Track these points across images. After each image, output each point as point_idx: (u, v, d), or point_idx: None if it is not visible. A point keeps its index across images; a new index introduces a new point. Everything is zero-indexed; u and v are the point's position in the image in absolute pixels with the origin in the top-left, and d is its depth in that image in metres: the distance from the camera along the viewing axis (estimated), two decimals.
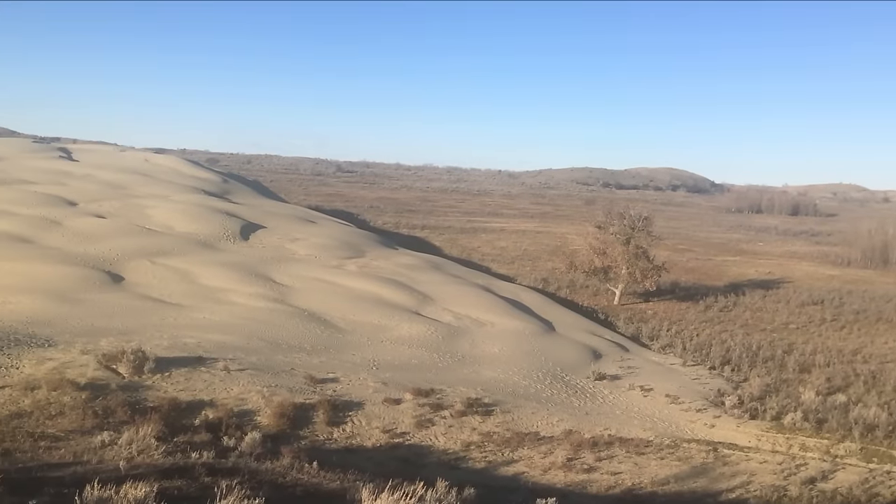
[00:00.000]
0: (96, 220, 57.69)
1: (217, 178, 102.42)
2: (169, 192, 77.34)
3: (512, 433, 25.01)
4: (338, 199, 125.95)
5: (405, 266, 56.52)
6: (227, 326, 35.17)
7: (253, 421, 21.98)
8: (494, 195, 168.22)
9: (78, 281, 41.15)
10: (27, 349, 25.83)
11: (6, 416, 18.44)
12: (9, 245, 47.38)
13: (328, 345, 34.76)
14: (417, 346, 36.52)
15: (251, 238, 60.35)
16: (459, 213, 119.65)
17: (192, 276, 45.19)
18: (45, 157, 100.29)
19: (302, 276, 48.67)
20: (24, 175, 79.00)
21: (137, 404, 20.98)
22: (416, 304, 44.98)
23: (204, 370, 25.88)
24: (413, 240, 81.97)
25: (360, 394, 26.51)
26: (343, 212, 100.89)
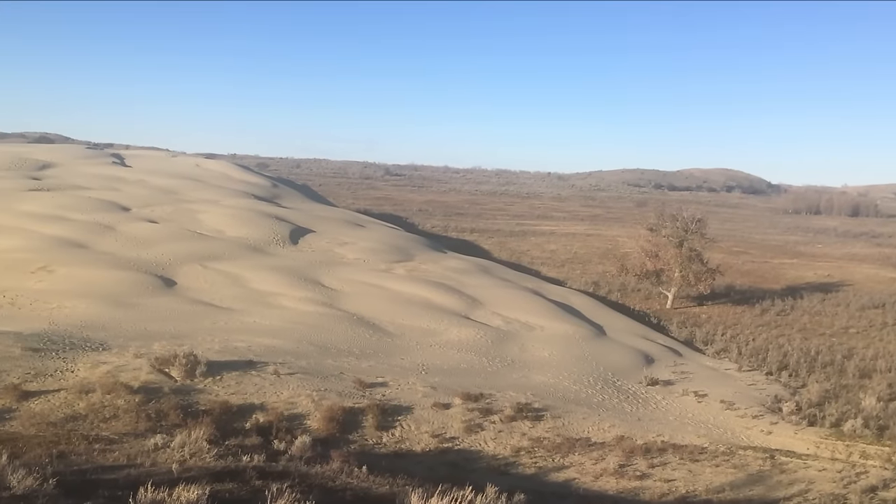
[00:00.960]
0: (149, 225, 58.84)
1: (266, 182, 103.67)
2: (219, 197, 78.54)
3: (562, 439, 24.89)
4: (386, 202, 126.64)
5: (454, 270, 56.61)
6: (277, 330, 35.59)
7: (303, 425, 22.20)
8: (544, 198, 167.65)
9: (131, 285, 42.02)
10: (82, 353, 26.45)
11: (62, 418, 18.91)
12: (64, 250, 48.56)
13: (377, 349, 34.97)
14: (466, 351, 36.54)
15: (300, 242, 60.97)
16: (508, 216, 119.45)
17: (242, 281, 45.84)
18: (99, 163, 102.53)
19: (350, 279, 49.04)
20: (78, 181, 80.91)
21: (189, 408, 21.34)
22: (465, 308, 45.02)
23: (254, 374, 26.22)
24: (462, 243, 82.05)
25: (409, 398, 26.61)
26: (391, 215, 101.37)
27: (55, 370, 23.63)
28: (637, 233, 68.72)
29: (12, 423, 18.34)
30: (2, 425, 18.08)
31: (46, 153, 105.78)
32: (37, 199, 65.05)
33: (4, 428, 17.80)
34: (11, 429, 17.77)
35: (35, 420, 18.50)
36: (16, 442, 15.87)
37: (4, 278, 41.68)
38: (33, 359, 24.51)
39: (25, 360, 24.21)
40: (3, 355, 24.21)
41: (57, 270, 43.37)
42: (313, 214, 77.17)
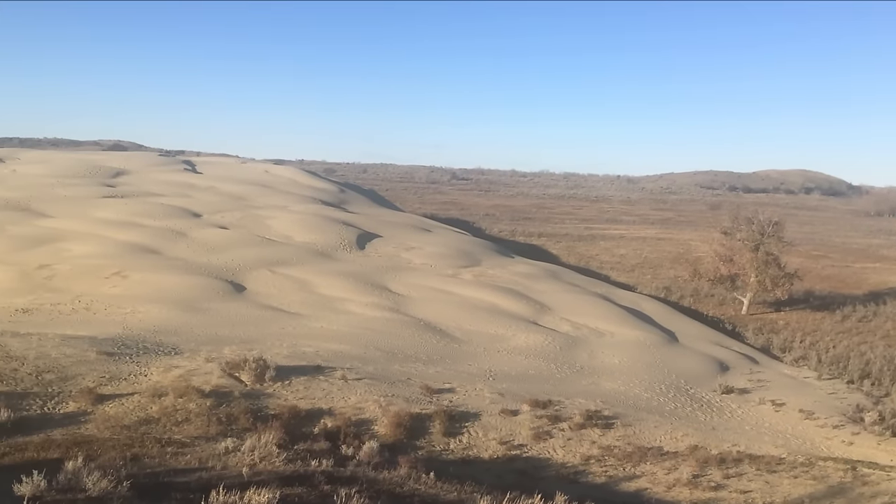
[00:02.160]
0: (219, 231, 60.12)
1: (334, 187, 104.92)
2: (288, 203, 79.81)
3: (634, 447, 24.57)
4: (453, 207, 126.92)
5: (521, 275, 56.45)
6: (344, 336, 35.98)
7: (370, 430, 22.38)
8: (613, 201, 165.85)
9: (202, 290, 42.99)
10: (155, 357, 27.15)
11: (135, 421, 19.42)
12: (138, 256, 49.95)
13: (444, 355, 35.07)
14: (534, 357, 36.39)
15: (367, 247, 61.54)
16: (577, 220, 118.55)
17: (310, 286, 46.47)
18: (171, 170, 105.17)
19: (417, 285, 49.29)
20: (151, 188, 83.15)
21: (259, 412, 21.71)
22: (532, 314, 44.84)
23: (322, 379, 26.55)
24: (529, 248, 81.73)
25: (476, 404, 26.61)
26: (458, 220, 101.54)
27: (129, 374, 24.29)
28: (710, 236, 67.54)
29: (87, 425, 18.91)
30: (77, 428, 18.65)
31: (120, 161, 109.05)
32: (111, 206, 67.06)
33: (80, 431, 18.36)
34: (87, 431, 18.32)
35: (109, 423, 19.04)
36: (91, 444, 16.37)
37: (80, 284, 43.07)
38: (108, 363, 25.24)
39: (100, 364, 24.96)
40: (78, 359, 25.00)
41: (130, 276, 44.62)
42: (380, 219, 77.82)
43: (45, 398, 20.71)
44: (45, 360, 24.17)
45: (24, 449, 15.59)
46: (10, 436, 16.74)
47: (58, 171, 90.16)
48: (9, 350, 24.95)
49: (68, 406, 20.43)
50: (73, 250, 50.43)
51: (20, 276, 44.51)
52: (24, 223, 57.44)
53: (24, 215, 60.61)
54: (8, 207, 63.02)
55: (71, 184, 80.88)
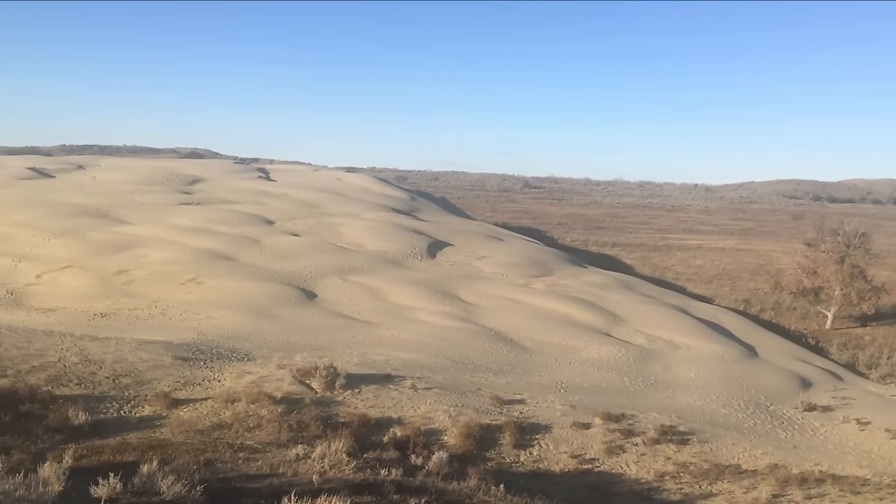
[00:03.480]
0: (292, 238, 61.13)
1: (405, 195, 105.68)
2: (359, 210, 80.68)
3: (710, 465, 24.06)
4: (525, 215, 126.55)
5: (594, 285, 55.94)
6: (415, 344, 36.15)
7: (440, 440, 22.40)
8: (690, 210, 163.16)
9: (275, 297, 43.74)
10: (228, 363, 27.70)
11: (208, 426, 19.81)
12: (212, 262, 51.11)
13: (514, 365, 34.95)
14: (607, 369, 35.99)
15: (438, 256, 61.77)
16: (652, 229, 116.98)
17: (380, 294, 46.86)
18: (245, 178, 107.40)
19: (488, 294, 49.26)
20: (226, 195, 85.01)
21: (329, 419, 21.93)
22: (605, 325, 44.38)
23: (392, 387, 26.70)
24: (602, 258, 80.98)
25: (547, 416, 26.42)
26: (530, 229, 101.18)
27: (203, 379, 24.83)
28: (793, 248, 66.00)
29: (162, 429, 19.37)
30: (152, 432, 19.11)
31: (196, 168, 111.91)
32: (187, 213, 68.80)
33: (155, 434, 18.81)
34: (161, 435, 18.76)
35: (183, 427, 19.47)
36: (165, 448, 16.77)
37: (157, 289, 44.28)
38: (182, 368, 25.84)
39: (175, 368, 25.57)
40: (154, 364, 25.66)
41: (205, 282, 45.68)
42: (451, 228, 78.06)
43: (121, 402, 21.29)
44: (122, 364, 24.86)
45: (100, 451, 16.06)
46: (88, 438, 17.26)
47: (136, 179, 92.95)
48: (87, 354, 25.75)
49: (144, 410, 20.97)
50: (151, 256, 51.86)
51: (99, 281, 45.97)
52: (103, 229, 59.32)
53: (103, 222, 62.59)
54: (88, 214, 65.15)
55: (149, 191, 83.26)
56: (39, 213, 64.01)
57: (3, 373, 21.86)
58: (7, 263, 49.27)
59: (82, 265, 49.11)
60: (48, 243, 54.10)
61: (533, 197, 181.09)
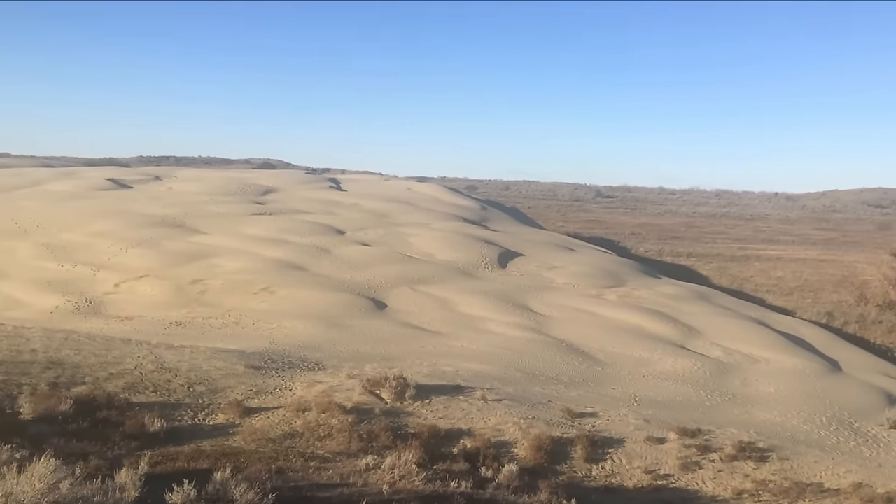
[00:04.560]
0: (362, 248, 61.76)
1: (475, 205, 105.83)
2: (429, 220, 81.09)
3: (791, 483, 23.45)
4: (597, 225, 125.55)
5: (669, 296, 55.11)
6: (484, 355, 36.12)
7: (510, 453, 22.32)
8: (770, 220, 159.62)
9: (345, 307, 44.23)
10: (299, 372, 28.10)
11: (280, 435, 20.11)
12: (284, 272, 51.95)
13: (586, 377, 34.63)
14: (682, 382, 35.40)
15: (509, 266, 61.65)
16: (729, 239, 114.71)
17: (450, 304, 46.97)
18: (317, 188, 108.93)
19: (560, 305, 48.97)
20: (297, 205, 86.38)
21: (399, 430, 22.05)
22: (680, 337, 43.67)
23: (462, 399, 26.71)
24: (677, 268, 79.75)
25: (620, 430, 26.09)
26: (602, 239, 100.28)
27: (274, 388, 25.23)
28: (879, 258, 64.22)
29: (235, 437, 19.73)
30: (225, 439, 19.48)
31: (269, 179, 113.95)
32: (260, 223, 70.13)
33: (228, 442, 19.18)
34: (234, 443, 19.12)
35: (256, 436, 19.80)
36: (238, 456, 17.09)
37: (230, 298, 45.21)
38: (255, 376, 26.31)
39: (248, 377, 26.04)
40: (228, 372, 26.18)
41: (277, 292, 46.46)
42: (522, 237, 77.86)
43: (195, 409, 21.77)
44: (197, 373, 25.43)
45: (175, 458, 16.45)
46: (163, 445, 17.69)
47: (211, 189, 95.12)
48: (163, 361, 26.41)
49: (217, 418, 21.40)
50: (225, 266, 52.98)
51: (175, 290, 47.16)
52: (179, 239, 60.84)
53: (179, 231, 64.20)
54: (164, 224, 66.90)
55: (223, 201, 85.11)
56: (118, 223, 65.98)
57: (81, 380, 22.56)
58: (86, 272, 50.91)
59: (159, 274, 50.44)
60: (126, 253, 55.72)
61: (605, 206, 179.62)
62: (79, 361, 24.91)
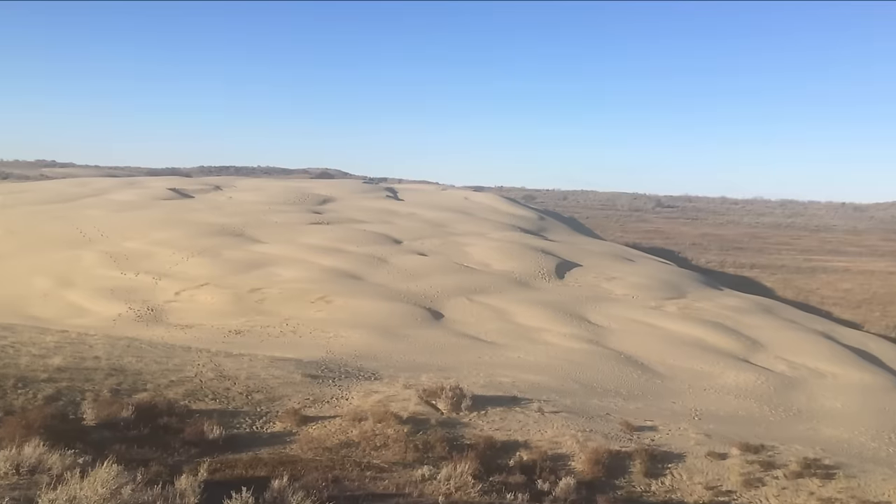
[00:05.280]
0: (419, 258, 62.00)
1: (533, 214, 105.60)
2: (486, 230, 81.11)
3: (857, 501, 22.83)
4: (657, 235, 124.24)
5: (731, 308, 54.22)
6: (541, 367, 35.94)
7: (567, 466, 22.13)
8: (837, 231, 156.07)
9: (401, 317, 44.43)
10: (355, 381, 28.28)
11: (336, 444, 20.25)
12: (341, 281, 52.41)
13: (645, 390, 34.24)
14: (745, 397, 34.78)
15: (566, 276, 61.32)
16: (794, 250, 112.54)
17: (507, 315, 46.87)
18: (374, 197, 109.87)
19: (618, 316, 48.53)
20: (354, 214, 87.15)
21: (455, 441, 22.03)
22: (743, 351, 42.93)
23: (518, 410, 26.60)
24: (740, 280, 78.54)
25: (680, 445, 25.72)
26: (662, 249, 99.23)
27: (331, 397, 25.43)
28: None
29: (292, 446, 19.92)
30: (283, 448, 19.68)
31: (327, 188, 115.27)
32: (318, 232, 70.92)
33: (285, 450, 19.37)
34: (291, 452, 19.30)
35: (312, 444, 19.96)
36: (295, 464, 17.25)
37: (288, 307, 45.76)
38: (312, 385, 26.55)
39: (305, 386, 26.30)
40: (285, 381, 26.47)
41: (334, 301, 46.87)
42: (580, 248, 77.42)
43: (253, 417, 22.04)
44: (255, 381, 25.76)
45: (233, 466, 16.67)
46: (222, 452, 17.94)
47: (270, 199, 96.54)
48: (222, 369, 26.82)
49: (275, 426, 21.63)
50: (283, 275, 53.67)
51: (234, 298, 47.89)
52: (238, 248, 61.82)
53: (238, 240, 65.25)
54: (224, 233, 68.04)
55: (281, 210, 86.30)
56: (179, 232, 67.31)
57: (143, 387, 23.01)
58: (148, 281, 52.01)
59: (218, 283, 51.30)
60: (187, 262, 56.78)
61: (665, 216, 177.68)
62: (140, 368, 25.43)
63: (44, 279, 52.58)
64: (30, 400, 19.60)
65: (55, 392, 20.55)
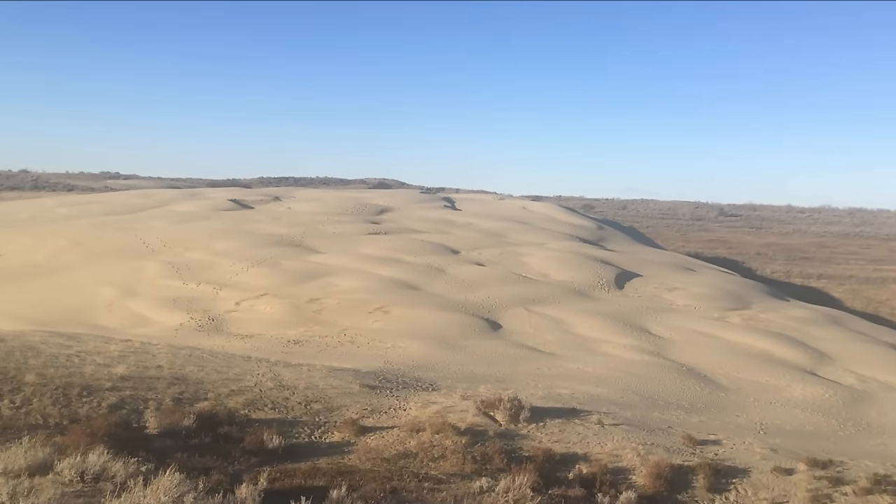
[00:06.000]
0: (476, 268, 62.01)
1: (592, 224, 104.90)
2: (544, 240, 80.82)
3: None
4: (720, 245, 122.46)
5: (797, 320, 53.13)
6: (601, 378, 35.65)
7: (628, 479, 21.90)
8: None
9: (459, 327, 44.46)
10: (413, 392, 28.38)
11: (394, 455, 20.34)
12: (398, 291, 52.68)
13: (708, 403, 33.72)
14: (812, 411, 34.03)
15: (626, 287, 60.76)
16: (864, 260, 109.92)
17: (565, 325, 46.61)
18: (431, 207, 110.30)
19: (679, 327, 47.91)
20: (412, 224, 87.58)
21: (513, 452, 21.96)
22: (810, 363, 42.03)
23: (578, 422, 26.42)
24: (807, 290, 77.03)
25: (744, 459, 25.26)
26: (725, 259, 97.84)
27: (389, 408, 25.55)
28: None
29: (350, 456, 20.06)
30: (341, 458, 19.83)
31: (384, 198, 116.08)
32: (375, 242, 71.40)
33: (343, 461, 19.51)
34: (349, 462, 19.44)
35: (370, 455, 20.08)
36: (353, 475, 17.37)
37: (346, 317, 46.13)
38: (370, 395, 26.72)
39: (362, 396, 26.48)
40: (343, 391, 26.68)
41: (392, 311, 47.11)
42: (640, 258, 76.65)
43: (312, 427, 22.26)
44: (314, 391, 26.02)
45: (292, 475, 16.85)
46: (281, 462, 18.15)
47: (328, 209, 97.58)
48: (282, 379, 27.15)
49: (333, 436, 21.81)
50: (340, 285, 54.15)
51: (293, 308, 48.45)
52: (297, 258, 62.55)
53: (297, 251, 66.03)
54: (283, 243, 68.94)
55: (339, 221, 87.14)
56: (239, 242, 68.38)
57: (204, 396, 23.41)
58: (209, 291, 52.91)
59: (277, 293, 51.96)
60: (247, 272, 57.64)
61: (729, 225, 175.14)
62: (202, 378, 25.87)
63: (108, 289, 53.84)
64: (94, 408, 20.08)
65: (119, 400, 21.02)
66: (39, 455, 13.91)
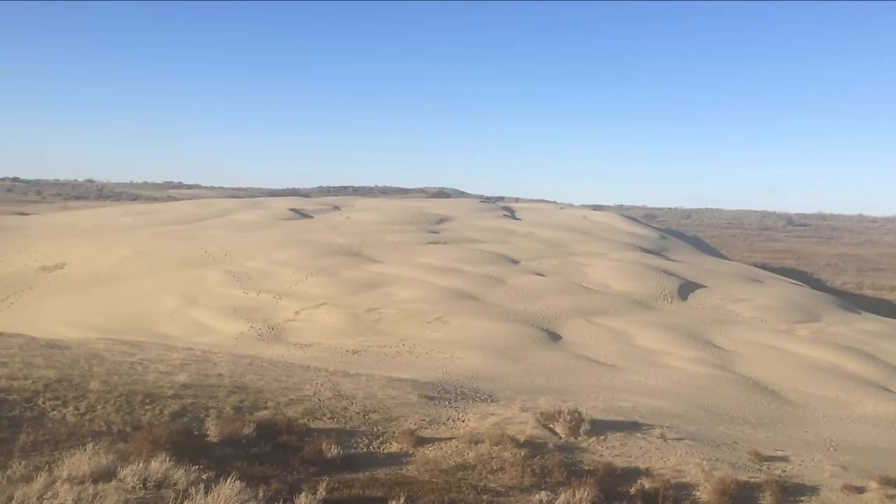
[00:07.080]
0: (536, 278, 61.78)
1: (654, 234, 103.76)
2: (605, 250, 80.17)
3: None
4: (788, 255, 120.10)
5: (869, 333, 51.80)
6: (663, 391, 35.21)
7: (691, 495, 21.59)
8: None
9: (518, 338, 44.33)
10: (472, 403, 28.37)
11: (452, 466, 20.35)
12: (457, 301, 52.74)
13: (775, 418, 33.07)
14: (885, 427, 33.12)
15: (689, 298, 59.96)
16: None
17: (627, 337, 46.15)
18: (491, 217, 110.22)
19: (745, 340, 47.09)
20: (471, 234, 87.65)
21: (573, 466, 21.81)
22: (883, 378, 40.94)
23: (639, 436, 26.13)
24: (880, 303, 75.12)
25: (813, 477, 24.70)
26: (794, 270, 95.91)
27: (447, 418, 25.58)
28: None
29: (408, 467, 20.13)
30: (399, 468, 19.91)
31: (443, 207, 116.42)
32: (434, 252, 71.60)
33: (401, 471, 19.59)
34: (407, 473, 19.51)
35: (429, 466, 20.12)
36: (411, 486, 17.43)
37: (405, 327, 46.33)
38: (428, 406, 26.79)
39: (421, 406, 26.55)
40: (402, 401, 26.80)
41: (451, 321, 47.18)
42: (704, 268, 75.55)
43: (370, 437, 22.39)
44: (372, 401, 26.18)
45: (350, 485, 16.97)
46: (339, 471, 18.29)
47: (387, 218, 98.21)
48: (340, 389, 27.38)
49: (391, 446, 21.91)
50: (399, 295, 54.42)
51: (351, 318, 48.84)
52: (355, 268, 63.06)
53: (356, 260, 66.57)
54: (342, 253, 69.57)
55: (398, 230, 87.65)
56: (299, 252, 69.21)
57: (263, 404, 23.71)
58: (269, 300, 53.64)
59: (336, 303, 52.44)
60: (306, 281, 58.31)
61: (797, 235, 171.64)
62: (261, 386, 26.22)
63: (171, 298, 54.95)
64: (156, 416, 20.48)
65: (180, 408, 21.40)
66: (103, 462, 14.23)
